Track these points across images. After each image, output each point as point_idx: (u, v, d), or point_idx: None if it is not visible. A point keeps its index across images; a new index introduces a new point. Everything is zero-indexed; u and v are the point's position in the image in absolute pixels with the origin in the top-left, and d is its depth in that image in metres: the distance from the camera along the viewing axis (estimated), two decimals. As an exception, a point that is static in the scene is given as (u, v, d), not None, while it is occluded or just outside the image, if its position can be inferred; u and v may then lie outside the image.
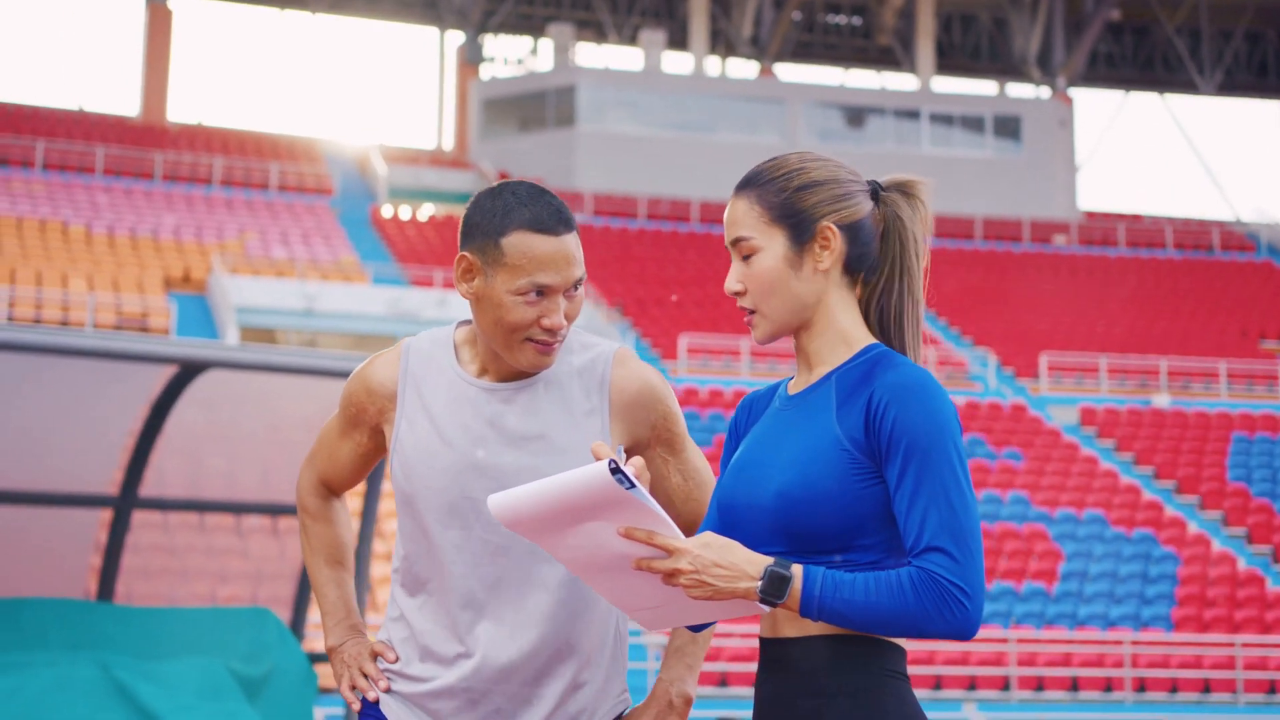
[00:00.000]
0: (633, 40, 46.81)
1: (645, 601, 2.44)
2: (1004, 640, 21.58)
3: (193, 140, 40.49)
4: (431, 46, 47.46)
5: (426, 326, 30.45)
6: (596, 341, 2.93)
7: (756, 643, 21.39)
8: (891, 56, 48.47)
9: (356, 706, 2.92)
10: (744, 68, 47.32)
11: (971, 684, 21.10)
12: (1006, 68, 48.58)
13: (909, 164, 43.60)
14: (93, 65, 53.98)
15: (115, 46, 47.93)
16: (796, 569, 2.35)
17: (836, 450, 2.43)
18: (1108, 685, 21.48)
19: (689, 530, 2.93)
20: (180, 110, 44.67)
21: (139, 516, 7.40)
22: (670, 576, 2.34)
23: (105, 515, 7.42)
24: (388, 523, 20.55)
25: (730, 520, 2.52)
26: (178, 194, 36.30)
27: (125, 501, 7.24)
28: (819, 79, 47.93)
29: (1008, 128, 45.21)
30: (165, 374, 6.62)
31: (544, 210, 2.76)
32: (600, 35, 47.30)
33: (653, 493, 2.92)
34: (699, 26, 45.79)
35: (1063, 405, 31.31)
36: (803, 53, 48.72)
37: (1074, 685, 21.45)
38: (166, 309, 28.65)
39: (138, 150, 38.18)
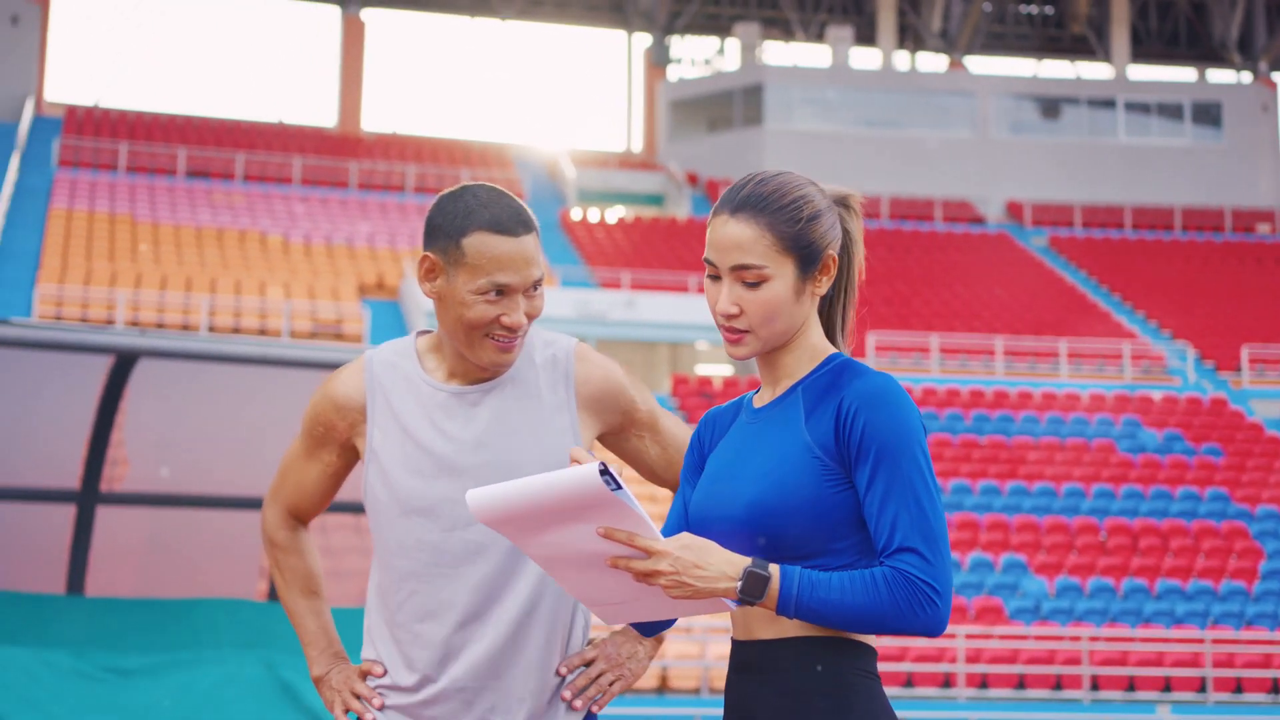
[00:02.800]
0: (820, 37, 46.61)
1: (611, 597, 2.49)
2: (1200, 640, 21.06)
3: (386, 149, 41.32)
4: (619, 49, 47.81)
5: (614, 328, 30.81)
6: (556, 338, 3.00)
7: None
8: (1085, 45, 47.58)
9: None
10: (933, 61, 46.83)
11: (1166, 685, 20.63)
12: (1205, 53, 47.38)
13: (1104, 154, 42.76)
14: (291, 79, 55.34)
15: (312, 60, 49.05)
16: (774, 568, 2.42)
17: (808, 458, 2.50)
18: (1311, 687, 20.86)
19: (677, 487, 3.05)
20: (374, 120, 45.56)
21: (330, 519, 7.60)
22: (649, 577, 2.40)
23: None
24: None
25: (702, 533, 2.58)
26: (372, 202, 37.07)
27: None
28: (1010, 70, 47.21)
29: (1207, 115, 44.08)
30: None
31: (503, 212, 2.83)
32: (787, 33, 47.19)
33: (635, 466, 3.05)
34: (887, 21, 45.45)
35: (1266, 399, 30.46)
36: (993, 44, 48.04)
37: (1274, 687, 20.84)
38: (360, 315, 29.29)
39: (333, 160, 39.08)
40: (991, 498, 24.91)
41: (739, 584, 2.40)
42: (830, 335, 2.67)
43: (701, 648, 20.16)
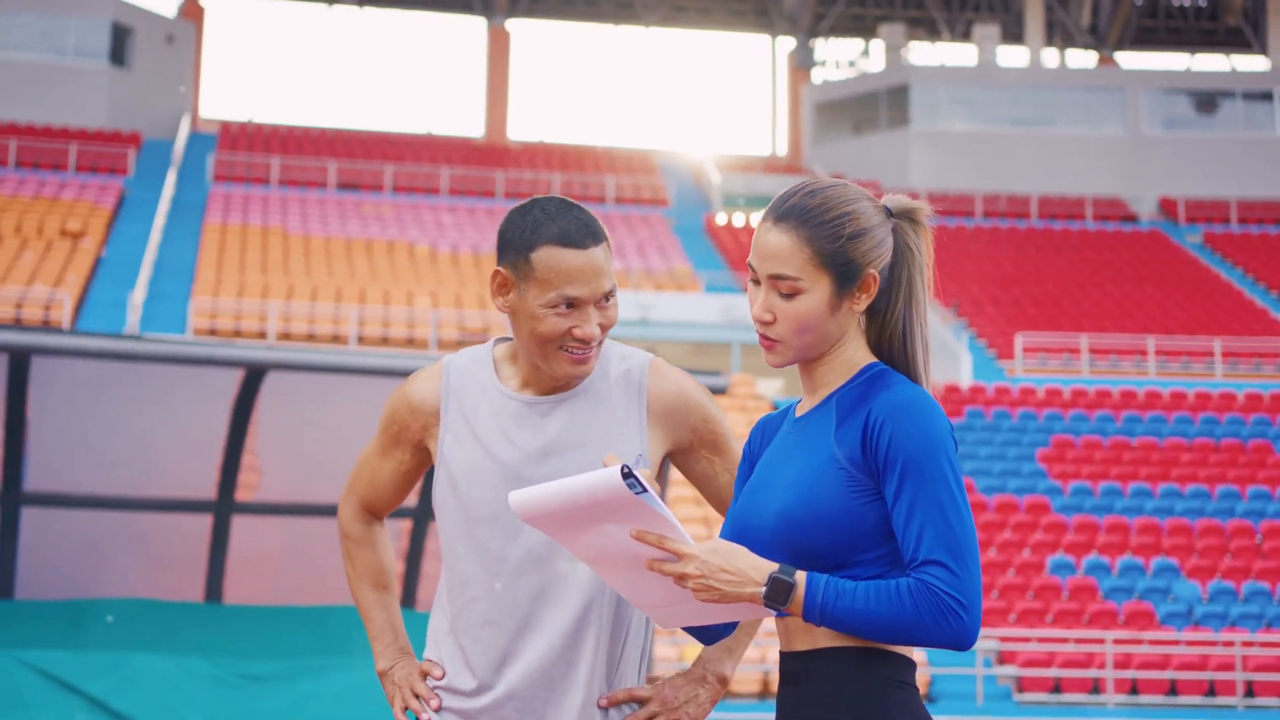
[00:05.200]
0: (966, 36, 46.17)
1: (658, 600, 2.54)
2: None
3: (533, 158, 41.69)
4: (763, 53, 47.84)
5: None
6: (632, 352, 3.03)
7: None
8: (1241, 38, 46.60)
9: None
10: (1082, 58, 46.17)
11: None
12: (1366, 42, 46.14)
13: (1261, 148, 41.84)
14: (439, 90, 56.11)
15: (459, 71, 49.66)
16: (800, 575, 2.44)
17: (835, 469, 2.51)
18: None
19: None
20: (520, 129, 46.04)
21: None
22: (679, 579, 2.45)
23: (406, 524, 7.77)
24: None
25: (740, 540, 2.60)
26: (518, 211, 37.40)
27: (424, 511, 7.59)
28: (1163, 65, 46.36)
29: (1369, 105, 42.95)
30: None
31: (571, 224, 2.86)
32: (933, 33, 46.81)
33: (704, 491, 3.06)
34: (1035, 18, 44.89)
35: None
36: (1145, 39, 47.23)
37: None
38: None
39: (480, 170, 39.52)
40: (1143, 500, 24.49)
41: (764, 589, 2.43)
42: (891, 348, 2.65)
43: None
